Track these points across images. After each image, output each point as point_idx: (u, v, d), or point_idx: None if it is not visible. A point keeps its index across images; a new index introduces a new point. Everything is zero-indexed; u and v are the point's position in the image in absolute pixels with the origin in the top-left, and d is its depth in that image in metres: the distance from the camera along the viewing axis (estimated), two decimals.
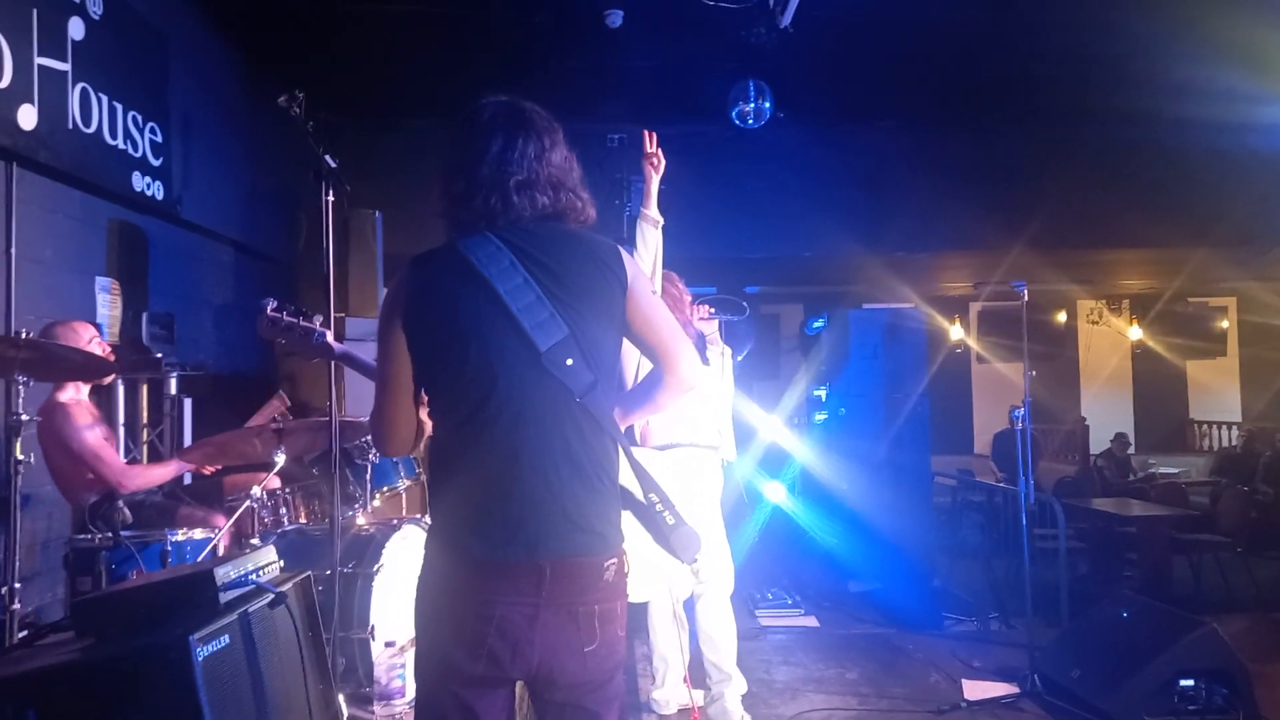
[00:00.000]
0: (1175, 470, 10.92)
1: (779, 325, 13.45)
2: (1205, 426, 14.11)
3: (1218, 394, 14.20)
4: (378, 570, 3.51)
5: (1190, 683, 3.80)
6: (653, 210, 3.64)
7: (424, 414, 1.91)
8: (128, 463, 3.81)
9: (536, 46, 6.65)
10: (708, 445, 3.90)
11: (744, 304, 4.24)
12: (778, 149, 8.29)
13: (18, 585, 2.94)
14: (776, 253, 9.03)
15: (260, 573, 2.42)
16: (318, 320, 2.69)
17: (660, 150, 3.60)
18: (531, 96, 1.91)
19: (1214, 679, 3.82)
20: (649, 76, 7.28)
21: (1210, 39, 6.52)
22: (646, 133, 3.59)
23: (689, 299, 4.05)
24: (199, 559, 3.26)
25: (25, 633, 2.87)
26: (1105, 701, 3.89)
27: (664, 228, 3.70)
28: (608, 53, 6.71)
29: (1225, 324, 14.05)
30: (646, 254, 3.64)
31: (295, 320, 2.64)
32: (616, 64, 7.00)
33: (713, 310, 4.14)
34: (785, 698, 4.25)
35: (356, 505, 3.97)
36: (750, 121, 7.31)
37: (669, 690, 4.03)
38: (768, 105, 7.26)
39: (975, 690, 4.29)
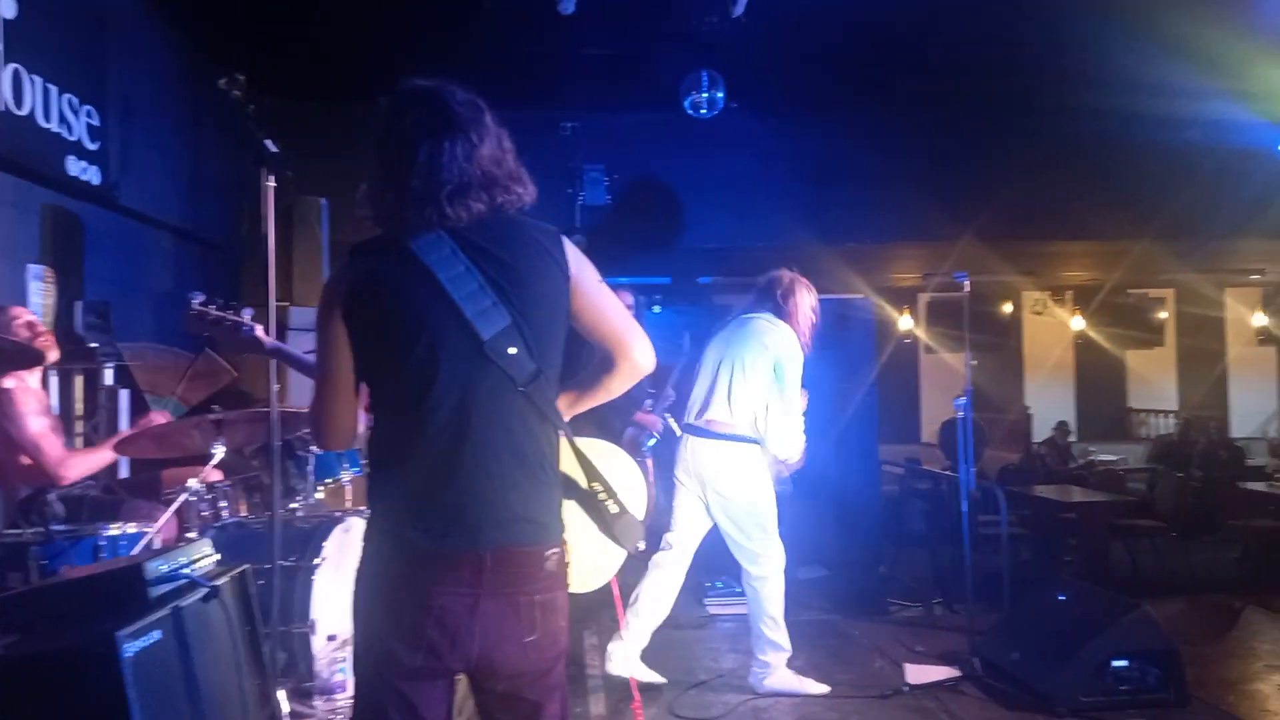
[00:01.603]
0: (1114, 457, 11.18)
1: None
2: (1143, 415, 14.45)
3: (1156, 383, 14.52)
4: (319, 563, 3.46)
5: (1124, 663, 3.89)
6: None
7: (364, 406, 1.88)
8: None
9: (488, 32, 6.58)
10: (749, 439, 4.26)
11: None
12: (731, 138, 8.30)
13: None
14: (729, 243, 9.04)
15: (194, 566, 2.37)
16: (247, 314, 2.63)
17: None
18: (482, 83, 1.86)
19: (1147, 660, 3.92)
20: (602, 64, 7.25)
21: (1156, 36, 6.68)
22: None
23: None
24: (133, 553, 3.18)
25: None
26: (1043, 683, 3.98)
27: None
28: (560, 40, 6.66)
29: (1164, 315, 14.37)
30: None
31: (223, 314, 2.57)
32: (569, 51, 6.96)
33: None
34: (733, 685, 4.28)
35: (299, 497, 3.92)
36: (703, 111, 7.31)
37: (627, 650, 4.05)
38: (720, 95, 7.27)
39: (917, 674, 4.35)
